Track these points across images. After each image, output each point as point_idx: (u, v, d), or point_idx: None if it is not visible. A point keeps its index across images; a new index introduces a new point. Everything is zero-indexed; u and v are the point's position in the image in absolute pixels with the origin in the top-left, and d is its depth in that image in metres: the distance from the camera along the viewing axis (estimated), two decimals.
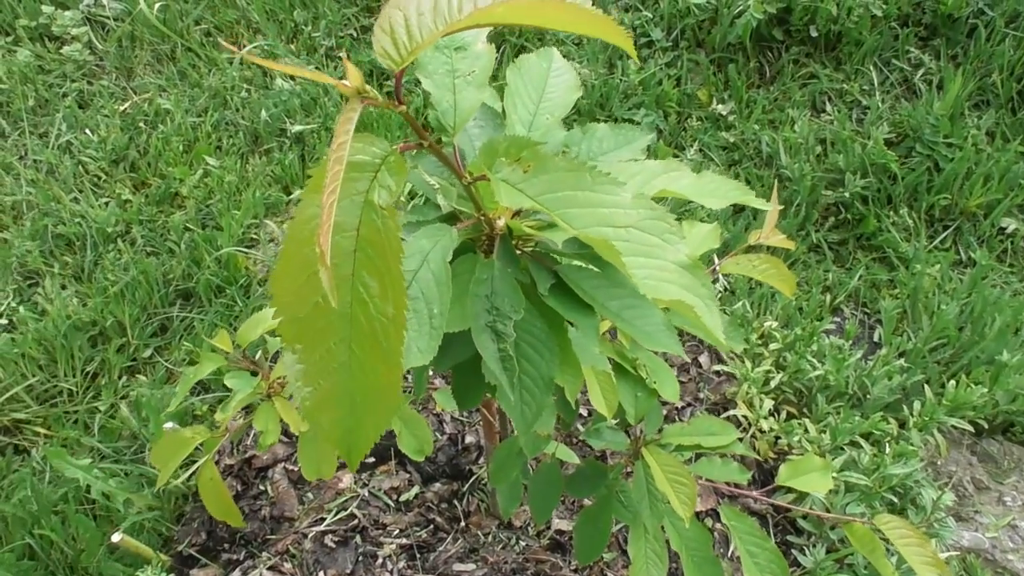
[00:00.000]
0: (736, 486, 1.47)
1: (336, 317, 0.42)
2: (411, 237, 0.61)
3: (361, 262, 0.41)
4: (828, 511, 1.53)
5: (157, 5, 2.51)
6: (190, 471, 1.53)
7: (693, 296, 0.47)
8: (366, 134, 0.43)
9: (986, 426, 1.74)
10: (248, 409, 1.52)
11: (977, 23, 2.34)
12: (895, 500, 1.54)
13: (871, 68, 2.36)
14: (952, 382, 1.74)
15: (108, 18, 2.55)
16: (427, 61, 0.62)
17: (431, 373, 1.48)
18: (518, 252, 0.72)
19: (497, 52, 2.36)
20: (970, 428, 1.70)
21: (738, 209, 2.10)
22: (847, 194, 2.09)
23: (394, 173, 0.42)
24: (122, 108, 2.35)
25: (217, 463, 1.62)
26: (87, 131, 2.28)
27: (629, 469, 1.12)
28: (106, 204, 2.11)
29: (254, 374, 1.13)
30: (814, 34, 2.35)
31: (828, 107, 2.33)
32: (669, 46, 2.39)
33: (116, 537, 1.34)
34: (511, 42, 2.41)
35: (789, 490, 1.56)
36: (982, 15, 2.36)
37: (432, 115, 0.61)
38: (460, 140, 0.71)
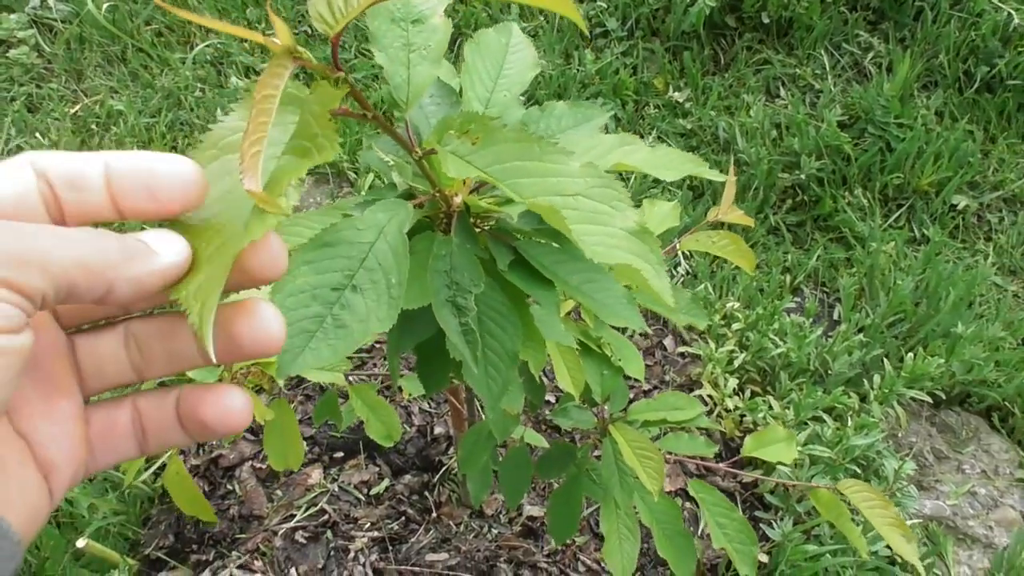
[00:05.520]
0: (704, 463, 1.49)
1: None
2: (367, 211, 0.60)
3: None
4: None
5: (105, 6, 2.46)
6: (153, 468, 1.50)
7: (642, 261, 0.48)
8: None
9: (944, 397, 1.79)
10: None
11: (923, 6, 2.40)
12: (858, 471, 1.57)
13: (822, 52, 2.40)
14: (910, 355, 1.78)
15: (55, 20, 2.49)
16: (381, 34, 0.61)
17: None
18: (477, 230, 0.73)
19: (451, 48, 2.35)
20: (928, 399, 1.74)
21: (698, 194, 2.13)
22: (803, 176, 2.13)
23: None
24: (73, 111, 2.30)
25: (183, 463, 1.59)
26: (37, 135, 2.22)
27: (598, 450, 1.13)
28: None
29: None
30: (766, 20, 2.39)
31: (782, 92, 2.36)
32: (624, 35, 2.41)
33: (81, 543, 1.31)
34: (467, 35, 2.41)
35: (756, 467, 1.59)
36: None
37: (385, 89, 0.61)
38: (415, 117, 0.71)
